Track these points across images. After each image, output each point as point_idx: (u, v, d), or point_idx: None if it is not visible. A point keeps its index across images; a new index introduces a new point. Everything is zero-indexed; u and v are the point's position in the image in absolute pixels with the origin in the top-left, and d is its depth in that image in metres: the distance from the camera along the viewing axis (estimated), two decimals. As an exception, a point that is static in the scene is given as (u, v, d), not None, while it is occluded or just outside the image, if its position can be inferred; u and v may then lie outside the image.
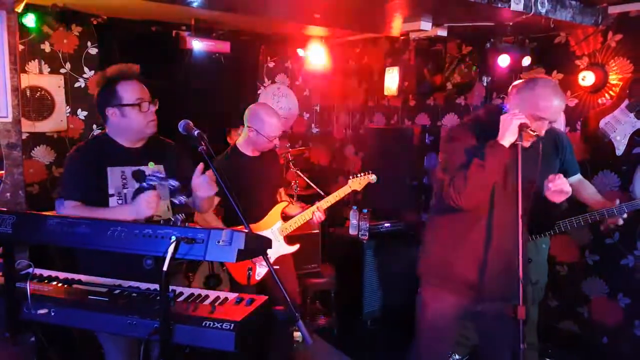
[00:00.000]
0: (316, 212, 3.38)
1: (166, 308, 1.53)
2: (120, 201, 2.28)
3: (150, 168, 2.35)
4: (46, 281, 1.94)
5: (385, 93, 5.61)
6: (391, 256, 4.46)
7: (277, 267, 3.25)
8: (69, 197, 2.28)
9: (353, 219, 4.40)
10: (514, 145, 2.09)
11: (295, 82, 6.43)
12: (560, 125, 4.01)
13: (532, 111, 2.16)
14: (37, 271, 1.98)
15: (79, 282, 1.94)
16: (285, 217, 3.44)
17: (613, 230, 3.73)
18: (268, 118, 3.12)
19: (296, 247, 3.44)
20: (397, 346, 2.85)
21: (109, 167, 2.28)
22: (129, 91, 2.23)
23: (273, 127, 3.13)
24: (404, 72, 5.42)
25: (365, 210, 4.35)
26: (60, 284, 1.91)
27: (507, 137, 2.10)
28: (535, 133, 2.11)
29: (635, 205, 2.93)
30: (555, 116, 2.19)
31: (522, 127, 2.08)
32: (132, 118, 2.25)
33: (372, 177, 3.58)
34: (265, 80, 6.14)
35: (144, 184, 2.23)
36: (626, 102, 3.59)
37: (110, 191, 2.28)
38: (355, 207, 4.42)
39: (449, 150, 2.31)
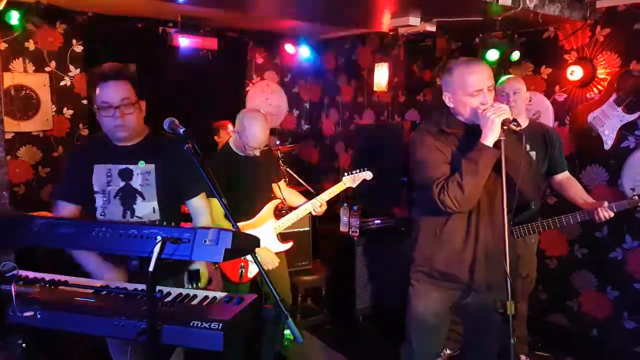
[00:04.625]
0: (317, 208, 3.38)
1: (153, 309, 1.51)
2: (104, 198, 2.28)
3: (140, 167, 2.32)
4: (32, 283, 1.91)
5: (375, 89, 5.61)
6: (382, 252, 4.46)
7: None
8: (54, 195, 2.37)
9: (344, 216, 4.39)
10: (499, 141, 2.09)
11: (285, 79, 6.40)
12: (549, 119, 4.02)
13: (466, 91, 2.16)
14: (23, 273, 1.95)
15: (65, 283, 1.91)
16: (279, 215, 3.43)
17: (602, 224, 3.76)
18: (250, 127, 3.05)
19: (289, 244, 3.43)
20: (389, 342, 2.85)
21: (95, 164, 2.29)
22: (100, 93, 2.21)
23: (252, 137, 3.06)
24: (393, 68, 5.42)
25: (355, 207, 4.34)
26: (46, 286, 1.88)
27: (490, 137, 2.08)
28: (520, 127, 2.09)
29: (622, 205, 2.94)
30: (489, 81, 2.16)
31: (505, 123, 2.07)
32: (102, 120, 2.25)
33: (368, 174, 3.55)
34: (254, 76, 6.10)
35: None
36: (614, 96, 3.61)
37: (95, 188, 2.29)
38: (345, 204, 4.41)
39: (426, 158, 2.28)
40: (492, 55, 3.97)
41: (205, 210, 2.52)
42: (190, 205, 2.50)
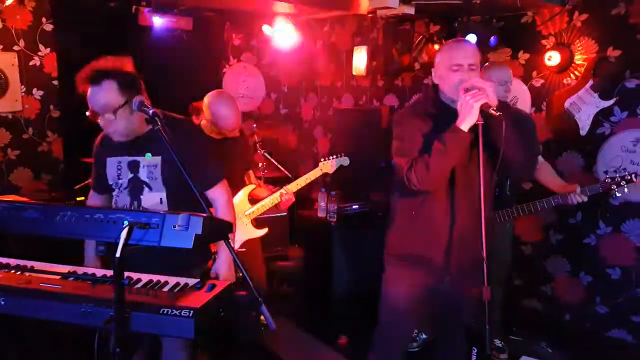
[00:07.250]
0: (285, 195, 3.32)
1: (120, 295, 1.46)
2: (117, 190, 2.33)
3: (147, 159, 2.27)
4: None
5: (354, 73, 5.56)
6: (360, 238, 4.44)
7: (244, 249, 3.23)
8: (92, 186, 2.55)
9: (321, 201, 4.36)
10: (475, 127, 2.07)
11: (262, 61, 6.29)
12: (526, 105, 4.03)
13: (448, 64, 2.19)
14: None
15: (32, 269, 1.85)
16: (253, 200, 3.38)
17: (575, 209, 3.80)
18: (219, 111, 3.00)
19: (264, 230, 3.39)
20: (365, 328, 2.86)
21: (108, 157, 2.33)
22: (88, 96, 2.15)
23: (223, 121, 3.01)
24: (372, 52, 5.38)
25: (333, 192, 4.31)
26: (11, 272, 1.81)
27: (467, 121, 2.06)
28: (499, 113, 2.07)
29: (595, 189, 2.97)
30: (470, 59, 2.18)
31: (483, 107, 2.04)
32: None
33: (345, 160, 3.53)
34: (231, 58, 5.99)
35: None
36: (591, 82, 3.62)
37: (109, 182, 2.34)
38: (323, 189, 4.37)
39: (402, 135, 2.29)
40: (471, 39, 3.94)
41: (220, 198, 2.40)
42: (207, 195, 2.42)
